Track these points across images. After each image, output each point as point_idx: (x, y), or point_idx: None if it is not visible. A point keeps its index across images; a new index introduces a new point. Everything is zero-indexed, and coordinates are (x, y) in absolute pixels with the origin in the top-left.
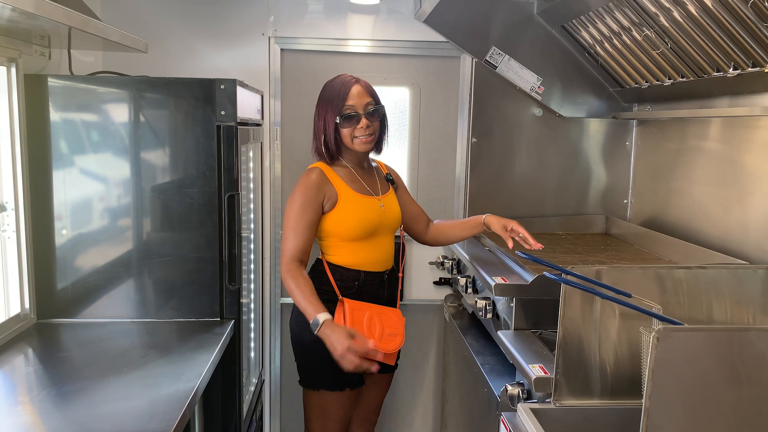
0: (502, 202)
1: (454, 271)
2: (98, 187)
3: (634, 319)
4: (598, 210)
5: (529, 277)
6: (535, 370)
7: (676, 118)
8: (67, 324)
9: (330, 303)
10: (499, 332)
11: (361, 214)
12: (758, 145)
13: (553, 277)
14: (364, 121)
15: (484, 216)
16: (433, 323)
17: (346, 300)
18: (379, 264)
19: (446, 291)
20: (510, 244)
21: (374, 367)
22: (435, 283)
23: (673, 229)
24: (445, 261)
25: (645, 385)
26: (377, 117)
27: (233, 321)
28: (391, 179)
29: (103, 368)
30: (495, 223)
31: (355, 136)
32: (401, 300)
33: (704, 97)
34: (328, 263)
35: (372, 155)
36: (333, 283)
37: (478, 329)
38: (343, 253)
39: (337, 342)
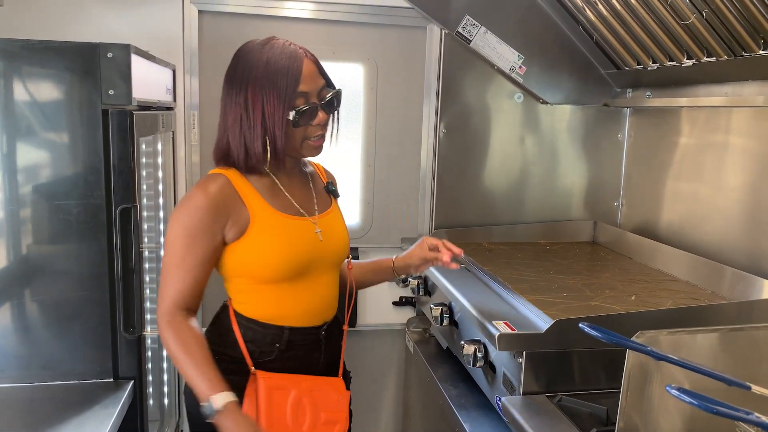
0: (475, 206)
1: (421, 292)
2: None
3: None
4: (584, 214)
5: (542, 323)
6: None
7: (682, 107)
8: None
9: (239, 376)
10: (504, 400)
11: (285, 244)
12: None
13: (682, 396)
14: (321, 116)
15: (393, 258)
16: (392, 352)
17: (261, 374)
18: (314, 316)
19: (409, 313)
20: (446, 260)
21: None
22: (395, 303)
23: (673, 237)
24: (410, 279)
25: None
26: (334, 108)
27: (132, 382)
28: (333, 189)
29: None
30: (412, 258)
31: (307, 137)
32: (353, 325)
33: (719, 81)
34: (237, 315)
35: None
36: (242, 347)
37: (452, 365)
38: (259, 301)
39: None
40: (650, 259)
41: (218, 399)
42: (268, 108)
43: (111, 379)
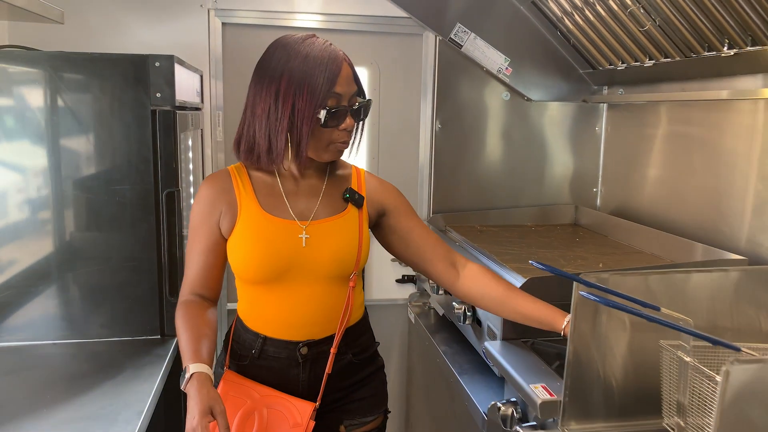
0: (469, 193)
1: None
2: (9, 183)
3: (646, 330)
4: (567, 199)
5: (517, 281)
6: (539, 392)
7: (650, 102)
8: None
9: (220, 369)
10: (486, 344)
11: (259, 242)
12: (742, 130)
13: (588, 295)
14: (349, 121)
15: (566, 320)
16: (396, 324)
17: (227, 375)
18: (291, 329)
19: (410, 289)
20: None
21: None
22: (398, 280)
23: (646, 218)
24: None
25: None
26: (361, 117)
27: (176, 338)
28: (354, 197)
29: (16, 409)
30: None
31: (333, 141)
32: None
33: (681, 79)
34: (238, 314)
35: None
36: (229, 344)
37: (448, 331)
38: (245, 303)
39: (191, 410)
40: (623, 236)
41: (191, 368)
42: (300, 102)
43: (158, 336)
